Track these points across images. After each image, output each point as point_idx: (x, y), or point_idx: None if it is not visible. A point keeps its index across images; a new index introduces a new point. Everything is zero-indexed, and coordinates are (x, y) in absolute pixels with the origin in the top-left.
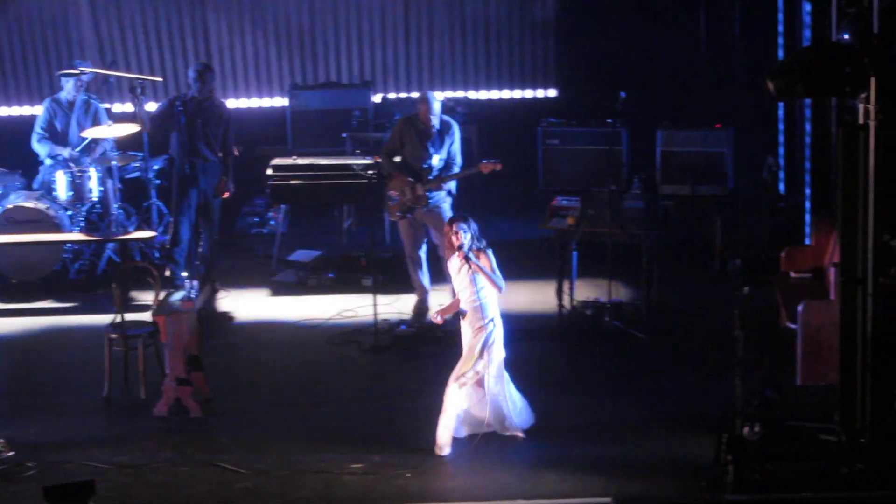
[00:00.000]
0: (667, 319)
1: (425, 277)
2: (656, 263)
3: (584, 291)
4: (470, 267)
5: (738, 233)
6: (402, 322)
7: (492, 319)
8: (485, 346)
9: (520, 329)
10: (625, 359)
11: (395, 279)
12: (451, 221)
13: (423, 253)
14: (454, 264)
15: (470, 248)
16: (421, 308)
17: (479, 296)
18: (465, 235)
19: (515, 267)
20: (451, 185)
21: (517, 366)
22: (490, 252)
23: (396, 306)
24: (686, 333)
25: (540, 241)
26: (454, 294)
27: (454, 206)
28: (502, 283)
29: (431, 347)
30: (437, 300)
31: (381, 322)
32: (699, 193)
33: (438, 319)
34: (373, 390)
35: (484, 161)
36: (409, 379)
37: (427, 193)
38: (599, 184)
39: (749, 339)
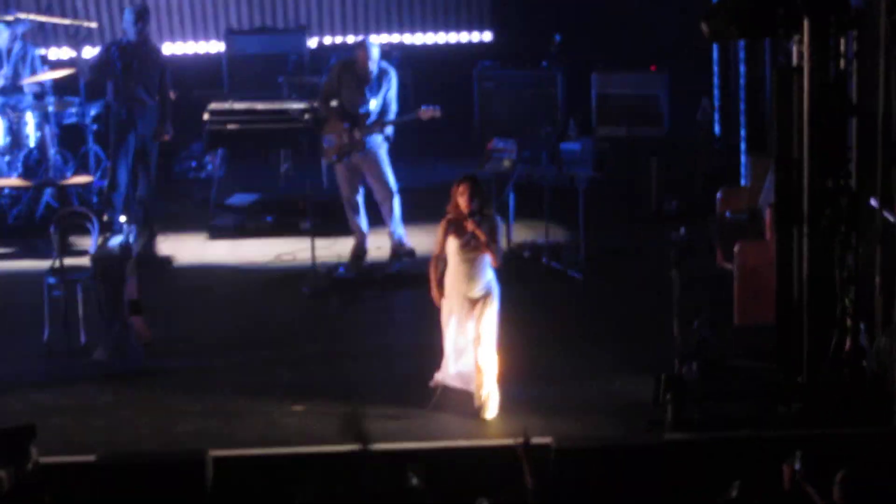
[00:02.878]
0: (603, 261)
1: (363, 221)
2: (593, 205)
3: (522, 233)
4: (475, 234)
5: (674, 174)
6: (340, 265)
7: (490, 281)
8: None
9: None
10: (562, 300)
11: (333, 222)
12: (460, 182)
13: (360, 197)
14: (455, 226)
15: (477, 212)
16: (359, 251)
17: (483, 261)
18: (474, 200)
19: None
20: (388, 130)
21: None
22: (499, 219)
23: (334, 250)
24: (623, 274)
25: None
26: (440, 259)
27: (390, 151)
28: (501, 256)
29: (370, 291)
30: (375, 243)
31: (319, 265)
32: (635, 135)
33: (438, 300)
34: (312, 334)
35: (423, 107)
36: (348, 323)
37: (364, 138)
38: (535, 126)
39: (685, 280)
